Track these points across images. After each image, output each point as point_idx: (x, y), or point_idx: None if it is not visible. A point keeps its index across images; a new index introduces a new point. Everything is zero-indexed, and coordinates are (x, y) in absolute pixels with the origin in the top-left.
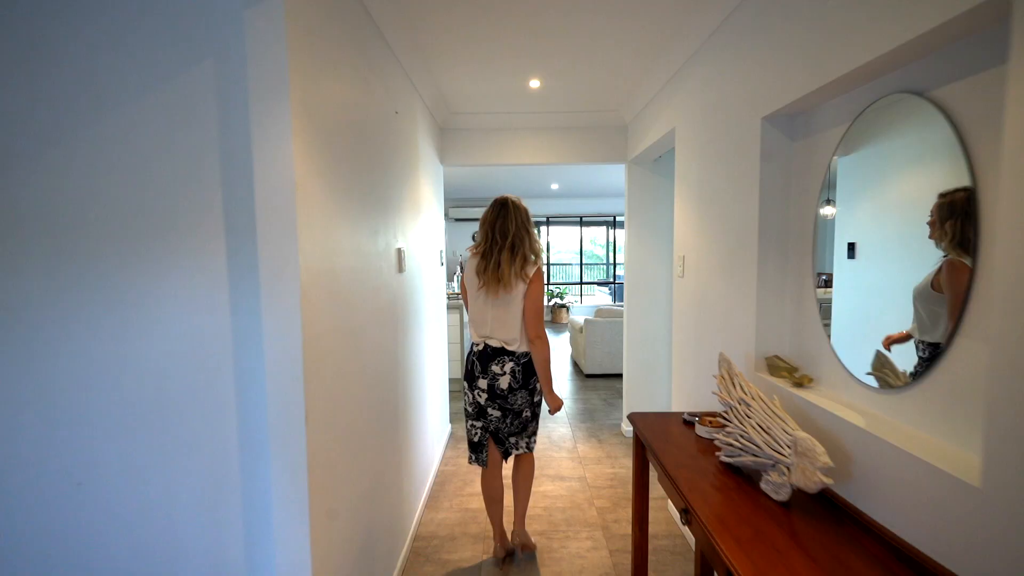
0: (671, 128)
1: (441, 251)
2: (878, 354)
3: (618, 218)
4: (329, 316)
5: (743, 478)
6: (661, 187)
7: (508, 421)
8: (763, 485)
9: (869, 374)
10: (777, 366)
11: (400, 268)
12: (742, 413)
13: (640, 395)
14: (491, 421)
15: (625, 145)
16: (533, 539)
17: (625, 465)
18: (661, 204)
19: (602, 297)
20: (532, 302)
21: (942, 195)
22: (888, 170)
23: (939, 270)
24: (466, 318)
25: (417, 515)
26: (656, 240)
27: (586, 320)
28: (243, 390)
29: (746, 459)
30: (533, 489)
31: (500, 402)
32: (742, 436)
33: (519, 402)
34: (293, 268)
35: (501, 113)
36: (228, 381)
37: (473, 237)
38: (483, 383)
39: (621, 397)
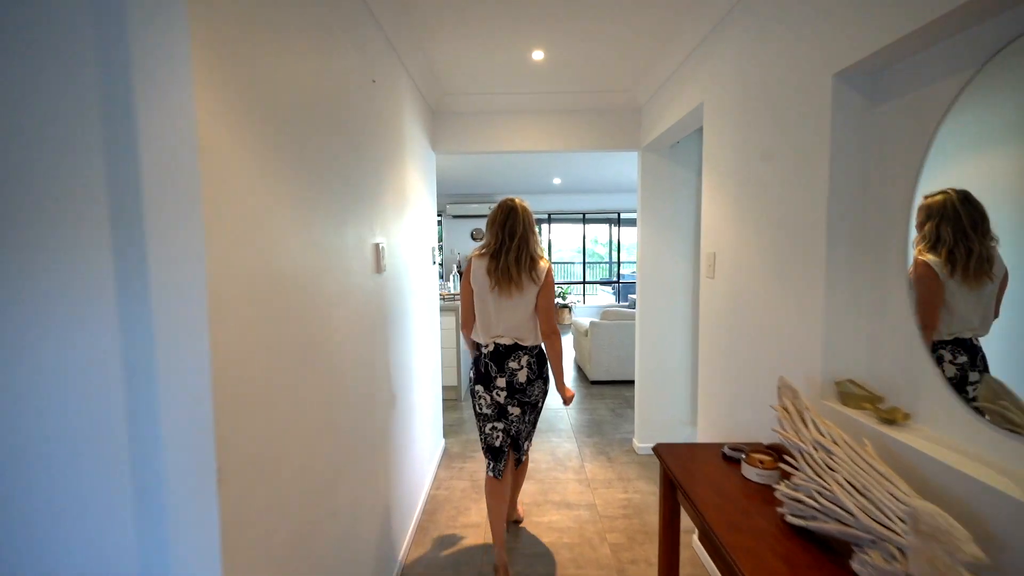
0: (697, 104)
1: (433, 248)
2: (987, 380)
3: (622, 215)
4: (264, 331)
5: (818, 546)
6: (678, 176)
7: (527, 419)
8: (857, 566)
9: (974, 407)
10: (853, 394)
11: (378, 268)
12: (820, 462)
13: (654, 408)
14: (512, 422)
15: (638, 130)
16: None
17: (639, 489)
18: (678, 195)
19: (605, 297)
20: (545, 299)
21: (926, 197)
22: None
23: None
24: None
25: (401, 557)
26: (673, 235)
27: (591, 322)
28: (138, 440)
29: (828, 526)
30: (536, 520)
31: (519, 396)
32: (821, 493)
33: (535, 392)
34: (195, 269)
35: (500, 94)
36: (118, 427)
37: (472, 235)
38: (502, 381)
39: (631, 407)
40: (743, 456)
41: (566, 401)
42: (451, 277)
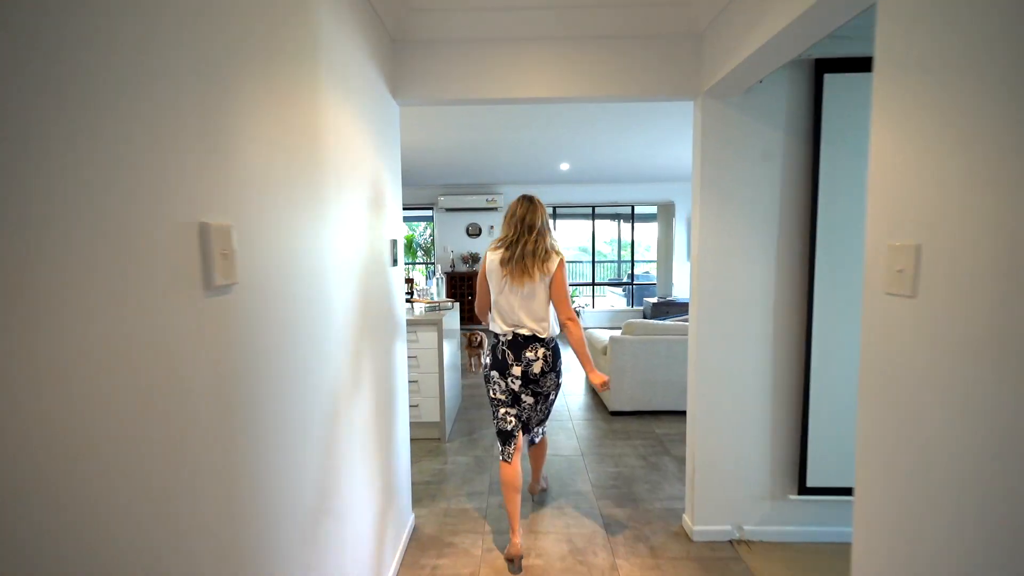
0: None
1: (395, 241)
2: None
3: (637, 208)
4: None
5: None
6: (758, 135)
7: (539, 408)
8: None
9: None
10: None
11: (225, 276)
12: None
13: (718, 473)
14: (524, 409)
15: (698, 66)
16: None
17: None
18: (757, 163)
19: (614, 299)
20: (558, 288)
21: None
22: None
23: None
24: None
25: None
26: (749, 222)
27: (612, 338)
28: None
29: None
30: None
31: (533, 387)
32: None
33: (548, 384)
34: None
35: (495, 10)
36: None
37: (467, 230)
38: (517, 370)
39: (667, 453)
40: None
41: (600, 387)
42: (436, 282)
